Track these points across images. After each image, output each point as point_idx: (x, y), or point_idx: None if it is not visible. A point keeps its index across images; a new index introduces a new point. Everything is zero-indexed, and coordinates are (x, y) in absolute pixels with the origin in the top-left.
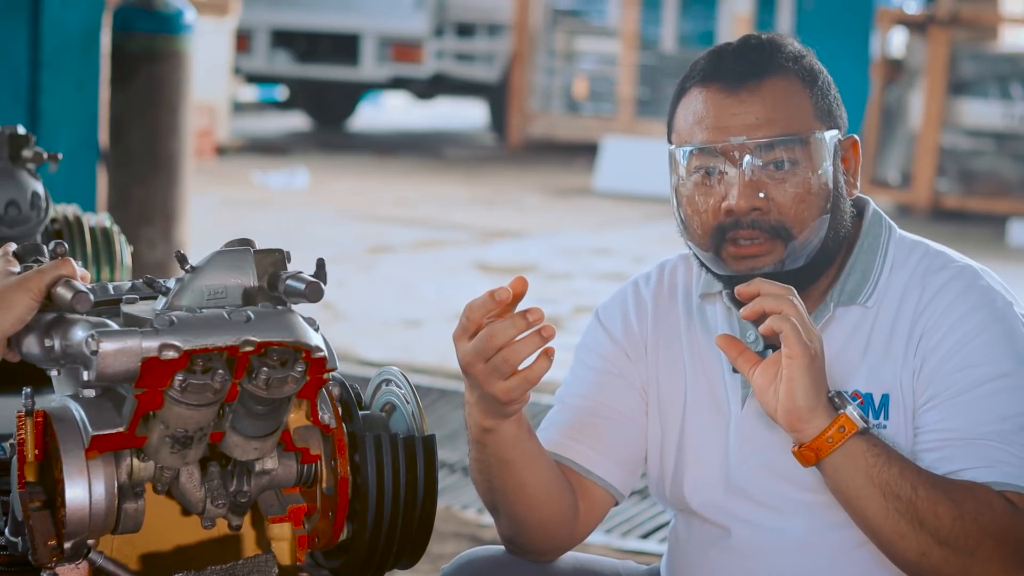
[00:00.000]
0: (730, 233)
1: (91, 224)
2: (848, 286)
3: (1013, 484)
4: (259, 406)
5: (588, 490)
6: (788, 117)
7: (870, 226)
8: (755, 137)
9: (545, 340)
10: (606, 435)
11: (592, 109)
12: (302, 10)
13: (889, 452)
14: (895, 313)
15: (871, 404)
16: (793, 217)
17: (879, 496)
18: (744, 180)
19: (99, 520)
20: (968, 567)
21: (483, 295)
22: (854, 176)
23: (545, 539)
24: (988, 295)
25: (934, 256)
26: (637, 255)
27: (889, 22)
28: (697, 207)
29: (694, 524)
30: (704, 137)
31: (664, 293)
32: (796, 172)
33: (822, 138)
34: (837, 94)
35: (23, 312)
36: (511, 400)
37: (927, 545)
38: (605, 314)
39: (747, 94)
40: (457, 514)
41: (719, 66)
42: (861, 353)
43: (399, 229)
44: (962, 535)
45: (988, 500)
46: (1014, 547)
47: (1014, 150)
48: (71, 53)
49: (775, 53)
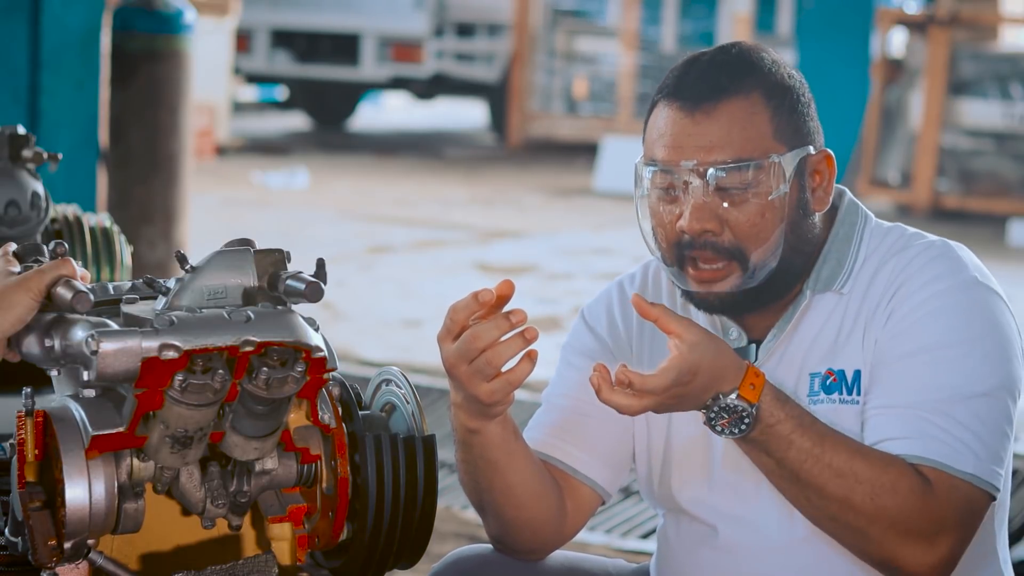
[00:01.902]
0: (688, 252)
1: (91, 224)
2: (823, 273)
3: (928, 459)
4: (259, 406)
5: (575, 489)
6: (743, 140)
7: (845, 215)
8: (707, 160)
9: (528, 342)
10: (592, 434)
11: (592, 109)
12: (302, 10)
13: (768, 446)
14: (866, 293)
15: (844, 380)
16: (747, 239)
17: (767, 473)
18: (696, 203)
19: (99, 520)
20: (862, 541)
21: (467, 296)
22: (826, 191)
23: (532, 538)
24: (953, 266)
25: (908, 237)
26: (637, 255)
27: (889, 22)
28: (657, 222)
29: (683, 522)
30: (661, 155)
31: (648, 293)
32: (749, 196)
33: (778, 161)
34: (810, 108)
35: (23, 312)
36: (494, 402)
37: (819, 517)
38: (590, 314)
39: (703, 116)
40: (457, 514)
41: (683, 82)
42: (834, 337)
43: (399, 229)
44: (852, 513)
45: (895, 479)
46: (917, 524)
47: (1014, 150)
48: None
49: (741, 71)
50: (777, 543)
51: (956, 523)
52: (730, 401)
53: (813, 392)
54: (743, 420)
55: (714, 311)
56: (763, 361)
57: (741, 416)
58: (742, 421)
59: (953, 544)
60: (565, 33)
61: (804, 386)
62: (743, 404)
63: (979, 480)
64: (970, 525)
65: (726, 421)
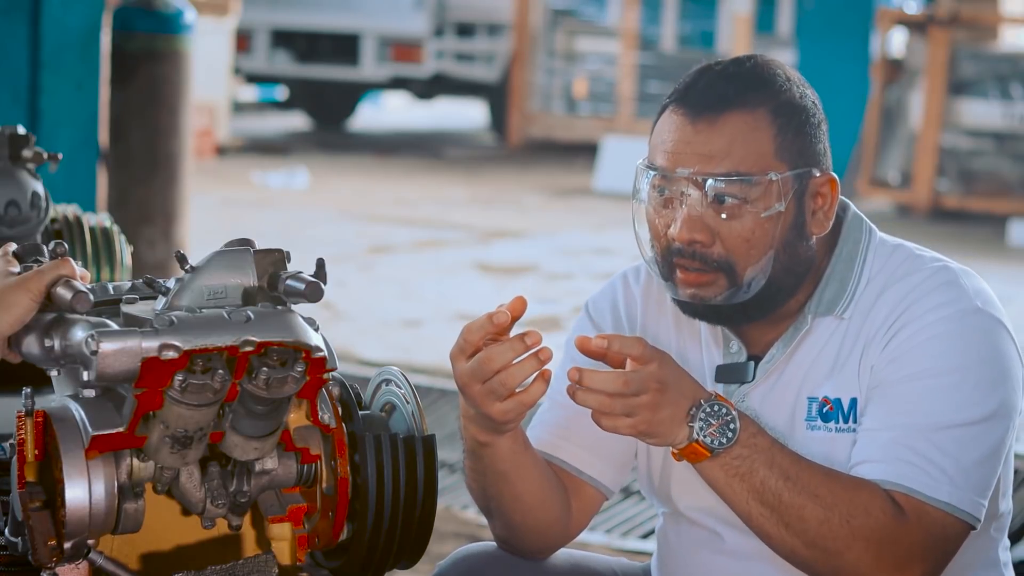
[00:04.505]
0: (676, 260)
1: (91, 224)
2: (826, 296)
3: (902, 485)
4: (259, 406)
5: (580, 489)
6: (743, 154)
7: (849, 232)
8: (704, 170)
9: (542, 363)
10: (596, 434)
11: (592, 109)
12: (302, 10)
13: (753, 462)
14: (867, 317)
15: (840, 409)
16: (736, 253)
17: (743, 502)
18: (688, 211)
19: (99, 520)
20: (838, 566)
21: (482, 317)
22: (827, 215)
23: (539, 540)
24: (955, 294)
25: (913, 259)
26: (637, 255)
27: (889, 22)
28: (650, 225)
29: (683, 525)
30: (661, 161)
31: (653, 291)
32: (743, 210)
33: (776, 179)
34: (819, 130)
35: (22, 312)
36: (507, 420)
37: (795, 545)
38: (595, 307)
39: (704, 125)
40: (457, 514)
41: (692, 90)
42: (832, 360)
43: (399, 229)
44: (830, 537)
45: (867, 502)
46: (888, 549)
47: (1014, 150)
48: (71, 53)
49: (750, 85)
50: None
51: (927, 551)
52: (714, 405)
53: (810, 417)
54: (729, 426)
55: (701, 317)
56: (761, 381)
57: (727, 421)
58: (728, 427)
59: (923, 573)
60: (565, 33)
61: (802, 410)
62: (727, 407)
63: (954, 509)
64: (943, 554)
65: (714, 427)
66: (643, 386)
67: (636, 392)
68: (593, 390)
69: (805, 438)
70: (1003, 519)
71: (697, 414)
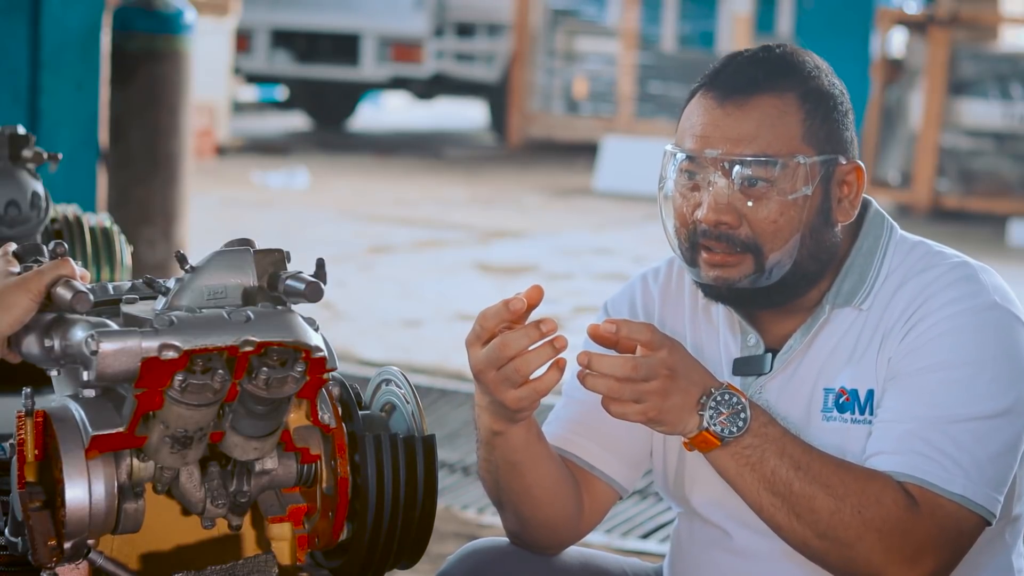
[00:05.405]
0: (702, 241)
1: (91, 224)
2: (844, 288)
3: (916, 477)
4: (259, 406)
5: (593, 486)
6: (771, 137)
7: (870, 227)
8: (732, 152)
9: (557, 351)
10: (611, 430)
11: (592, 109)
12: (302, 10)
13: (763, 452)
14: (885, 310)
15: (856, 400)
16: (763, 236)
17: (754, 492)
18: (716, 193)
19: (99, 520)
20: (850, 557)
21: (498, 304)
22: (852, 203)
23: (550, 535)
24: (973, 289)
25: (933, 255)
26: (637, 255)
27: (889, 22)
28: (676, 210)
29: (696, 524)
30: (689, 144)
31: (672, 289)
32: (769, 193)
33: (804, 163)
34: (846, 118)
35: (22, 313)
36: (521, 408)
37: (806, 536)
38: (613, 307)
39: (733, 107)
40: (457, 514)
41: (721, 74)
42: (850, 351)
43: (399, 229)
44: (841, 527)
45: (880, 493)
46: (900, 540)
47: (1014, 150)
48: (71, 53)
49: (779, 70)
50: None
51: (940, 544)
52: (725, 394)
53: (827, 408)
54: (740, 415)
55: (725, 301)
56: (778, 372)
57: (737, 410)
58: (739, 416)
59: (937, 566)
60: (565, 33)
61: (818, 401)
62: (737, 396)
63: (968, 502)
64: (956, 547)
65: (725, 415)
66: (653, 372)
67: (645, 378)
68: (602, 375)
69: (820, 429)
70: (1018, 523)
71: (708, 403)
